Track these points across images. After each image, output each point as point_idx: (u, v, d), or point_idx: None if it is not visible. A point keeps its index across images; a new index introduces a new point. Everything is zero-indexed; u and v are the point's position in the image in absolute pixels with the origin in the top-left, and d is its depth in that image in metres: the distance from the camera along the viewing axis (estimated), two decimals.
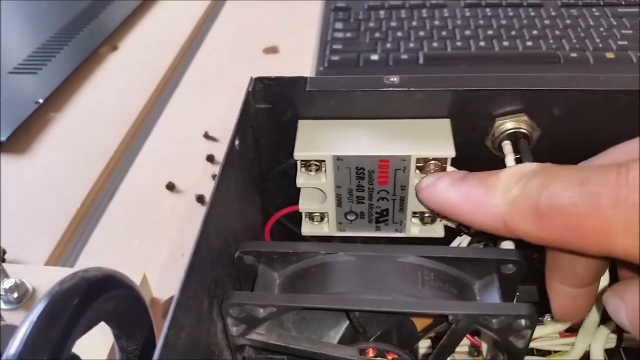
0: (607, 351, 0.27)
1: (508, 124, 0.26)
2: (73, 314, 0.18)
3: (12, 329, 0.22)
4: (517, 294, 0.25)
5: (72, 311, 0.18)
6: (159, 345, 0.16)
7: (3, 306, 0.33)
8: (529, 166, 0.20)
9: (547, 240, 0.18)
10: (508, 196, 0.19)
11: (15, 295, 0.33)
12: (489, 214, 0.20)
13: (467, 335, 0.26)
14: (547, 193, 0.18)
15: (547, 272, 0.23)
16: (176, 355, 0.17)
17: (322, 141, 0.26)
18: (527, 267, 0.23)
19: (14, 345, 0.17)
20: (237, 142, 0.24)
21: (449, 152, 0.25)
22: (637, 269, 0.20)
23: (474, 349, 0.28)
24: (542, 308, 0.27)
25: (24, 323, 0.17)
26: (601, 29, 0.57)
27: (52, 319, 0.18)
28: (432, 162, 0.25)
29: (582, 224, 0.17)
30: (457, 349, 0.27)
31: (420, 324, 0.24)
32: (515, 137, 0.26)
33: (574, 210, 0.17)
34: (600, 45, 0.55)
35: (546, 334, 0.28)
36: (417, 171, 0.25)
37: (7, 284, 0.33)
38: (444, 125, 0.26)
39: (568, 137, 0.26)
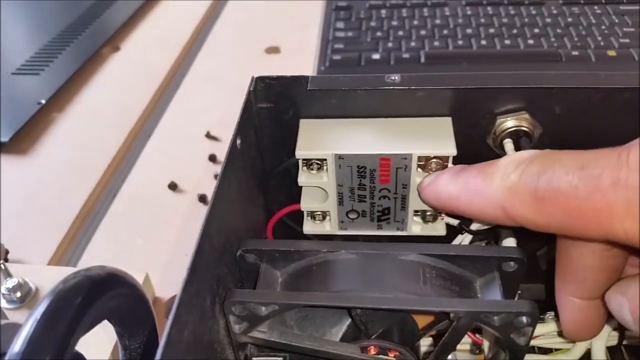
0: (609, 349, 0.28)
1: (509, 122, 0.26)
2: (76, 312, 0.18)
3: (14, 327, 0.22)
4: (519, 292, 0.25)
5: (76, 309, 0.18)
6: (162, 343, 0.16)
7: (6, 305, 0.33)
8: (527, 153, 0.19)
9: (548, 226, 0.18)
10: (506, 182, 0.19)
11: (19, 294, 0.33)
12: (488, 201, 0.20)
13: (469, 333, 0.26)
14: (547, 177, 0.18)
15: (556, 284, 0.22)
16: (179, 352, 0.17)
17: (323, 140, 0.26)
18: (529, 265, 0.23)
19: (18, 343, 0.17)
20: (238, 141, 0.24)
21: (451, 150, 0.25)
22: (638, 254, 0.20)
23: (476, 347, 0.28)
24: (544, 306, 0.27)
25: (27, 321, 0.18)
26: (603, 27, 0.57)
27: (56, 317, 0.18)
28: (434, 160, 0.25)
29: (582, 207, 0.17)
30: (459, 346, 0.27)
31: (421, 321, 0.24)
32: (516, 135, 0.26)
33: (574, 193, 0.17)
34: (602, 43, 0.55)
35: (548, 332, 0.28)
36: (419, 169, 0.25)
37: (10, 283, 0.33)
38: (446, 124, 0.26)
39: (570, 134, 0.26)
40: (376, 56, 0.55)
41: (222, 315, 0.22)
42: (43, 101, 0.55)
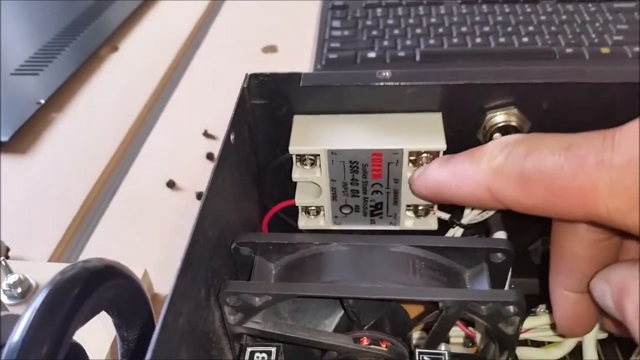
0: (601, 342, 0.28)
1: (498, 117, 0.27)
2: (74, 302, 0.18)
3: (15, 319, 0.23)
4: (512, 286, 0.25)
5: (73, 299, 0.18)
6: (158, 328, 0.16)
7: (7, 301, 0.34)
8: (514, 136, 0.20)
9: (533, 206, 0.19)
10: (493, 164, 0.19)
11: (19, 290, 0.34)
12: (475, 184, 0.20)
13: (462, 326, 0.26)
14: (533, 157, 0.18)
15: (550, 277, 0.23)
16: (174, 339, 0.17)
17: (316, 135, 0.27)
18: (521, 260, 0.24)
19: (17, 332, 0.18)
20: (232, 136, 0.25)
21: (441, 145, 0.25)
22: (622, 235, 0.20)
23: (469, 340, 0.28)
24: (536, 300, 0.28)
25: (26, 311, 0.18)
26: (597, 24, 0.58)
27: (54, 307, 0.18)
28: (424, 155, 0.25)
29: (567, 186, 0.17)
30: (453, 340, 0.28)
31: (412, 313, 0.25)
32: (505, 130, 0.27)
33: (559, 172, 0.17)
34: (596, 40, 0.55)
35: (539, 325, 0.28)
36: (410, 164, 0.26)
37: (11, 279, 0.34)
38: (436, 119, 0.27)
39: (558, 129, 0.27)
40: (372, 55, 0.56)
41: (217, 307, 0.22)
42: (42, 101, 0.56)
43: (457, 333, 0.27)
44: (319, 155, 0.26)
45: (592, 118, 0.26)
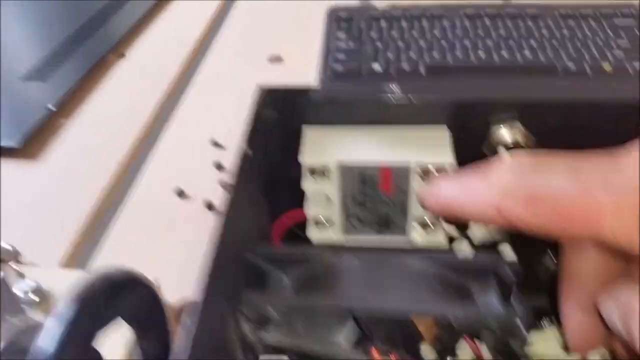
0: None
1: (504, 132, 0.28)
2: (98, 312, 0.19)
3: (34, 329, 0.23)
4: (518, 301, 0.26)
5: (98, 309, 0.19)
6: (183, 338, 0.17)
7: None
8: (522, 156, 0.20)
9: (540, 226, 0.19)
10: (501, 183, 0.20)
11: (33, 296, 0.34)
12: (484, 202, 0.20)
13: (469, 341, 0.27)
14: (541, 178, 0.19)
15: (561, 293, 0.23)
16: (197, 348, 0.18)
17: (327, 148, 0.27)
18: (528, 276, 0.24)
19: (44, 342, 0.18)
20: (247, 149, 0.25)
21: (448, 159, 0.26)
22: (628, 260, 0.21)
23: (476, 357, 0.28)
24: (541, 315, 0.28)
25: (52, 321, 0.19)
26: (598, 39, 0.58)
27: (79, 318, 0.19)
28: (433, 169, 0.26)
29: (573, 207, 0.18)
30: (460, 356, 0.28)
31: (422, 327, 0.25)
32: (510, 145, 0.28)
33: (565, 193, 0.18)
34: (598, 56, 0.56)
35: (546, 339, 0.29)
36: (418, 178, 0.27)
37: (25, 285, 0.34)
38: (443, 133, 0.27)
39: (561, 144, 0.27)
40: (376, 67, 0.57)
41: (232, 316, 0.23)
42: (52, 107, 0.56)
43: (465, 350, 0.28)
44: (329, 167, 0.27)
45: (595, 134, 0.27)
